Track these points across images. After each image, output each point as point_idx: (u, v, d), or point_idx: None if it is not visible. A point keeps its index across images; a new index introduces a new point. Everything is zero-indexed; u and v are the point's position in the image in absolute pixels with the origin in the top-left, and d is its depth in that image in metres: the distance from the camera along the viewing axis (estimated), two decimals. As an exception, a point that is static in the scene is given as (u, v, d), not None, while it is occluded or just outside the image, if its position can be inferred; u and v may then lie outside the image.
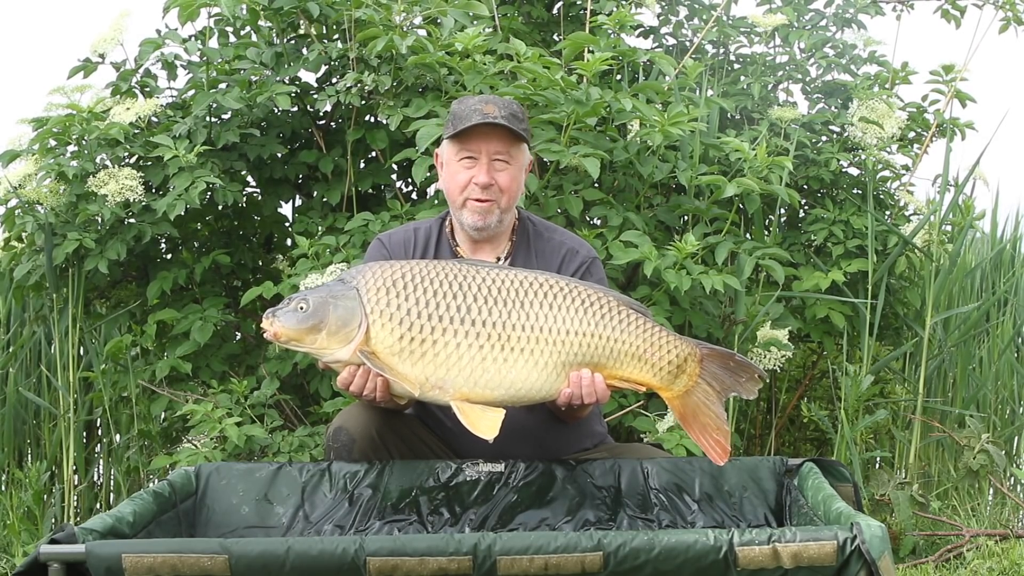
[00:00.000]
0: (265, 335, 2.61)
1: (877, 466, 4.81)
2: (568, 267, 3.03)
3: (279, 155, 4.33)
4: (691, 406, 2.70)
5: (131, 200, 3.93)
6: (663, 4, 5.07)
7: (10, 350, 5.00)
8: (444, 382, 2.58)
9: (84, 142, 4.11)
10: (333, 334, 2.57)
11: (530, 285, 2.64)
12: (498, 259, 3.04)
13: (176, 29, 4.22)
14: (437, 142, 3.52)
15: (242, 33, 4.41)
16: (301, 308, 2.58)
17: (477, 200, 2.95)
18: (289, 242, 4.47)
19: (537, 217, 3.20)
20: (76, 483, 4.47)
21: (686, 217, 4.24)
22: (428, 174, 3.83)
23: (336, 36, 4.24)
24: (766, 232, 4.55)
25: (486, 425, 2.58)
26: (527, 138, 3.02)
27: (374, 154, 4.34)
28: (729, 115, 4.66)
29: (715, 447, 2.67)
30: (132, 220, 4.08)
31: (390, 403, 2.73)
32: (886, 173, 4.77)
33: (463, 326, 2.58)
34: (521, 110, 3.03)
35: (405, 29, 4.02)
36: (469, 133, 2.94)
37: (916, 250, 4.57)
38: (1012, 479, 4.82)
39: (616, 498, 2.83)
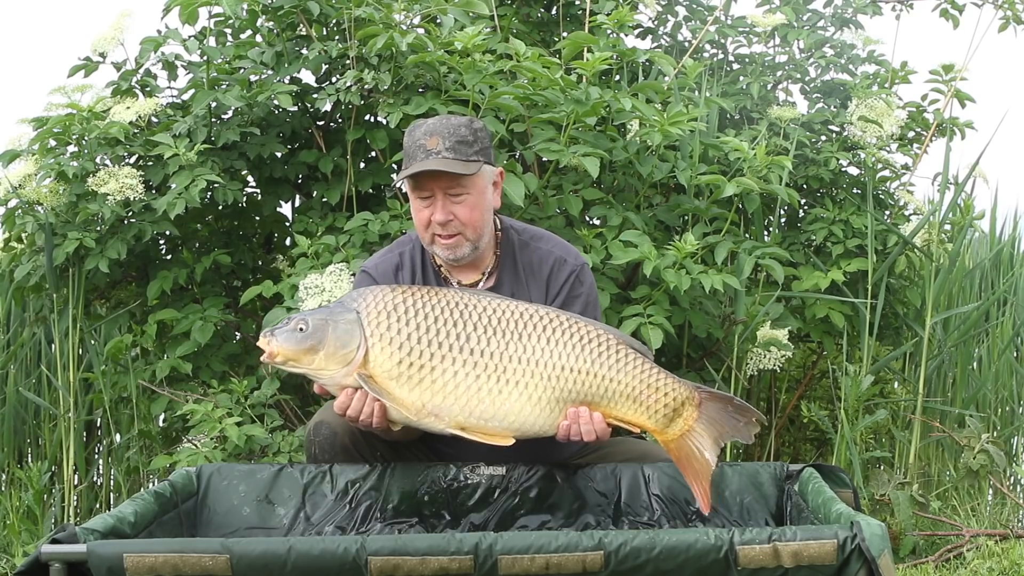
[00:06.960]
0: (262, 356, 2.59)
1: (880, 468, 4.81)
2: (557, 276, 2.98)
3: (279, 155, 4.33)
4: (685, 451, 2.65)
5: (131, 199, 3.93)
6: (661, 4, 5.07)
7: (10, 350, 5.00)
8: (440, 410, 2.58)
9: (84, 142, 4.11)
10: (331, 355, 2.56)
11: (529, 318, 2.63)
12: (483, 274, 2.98)
13: (176, 28, 4.22)
14: None
15: (242, 36, 4.41)
16: (300, 328, 2.56)
17: (442, 236, 2.88)
18: (289, 242, 4.47)
19: (521, 224, 3.10)
20: (76, 483, 4.47)
21: (686, 217, 4.24)
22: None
23: (336, 36, 4.24)
24: (766, 232, 4.55)
25: (496, 440, 2.61)
26: (484, 159, 2.86)
27: (374, 154, 4.34)
28: (728, 115, 4.66)
29: (704, 496, 2.63)
30: (132, 220, 4.08)
31: (386, 431, 2.69)
32: (886, 173, 4.78)
33: (461, 355, 2.58)
34: (473, 129, 2.85)
35: (405, 28, 4.02)
36: (417, 172, 2.82)
37: (916, 250, 4.57)
38: (1012, 479, 4.82)
39: (616, 503, 2.83)
